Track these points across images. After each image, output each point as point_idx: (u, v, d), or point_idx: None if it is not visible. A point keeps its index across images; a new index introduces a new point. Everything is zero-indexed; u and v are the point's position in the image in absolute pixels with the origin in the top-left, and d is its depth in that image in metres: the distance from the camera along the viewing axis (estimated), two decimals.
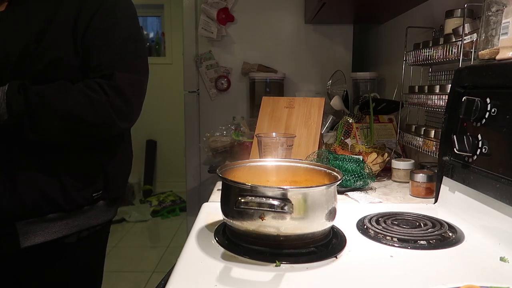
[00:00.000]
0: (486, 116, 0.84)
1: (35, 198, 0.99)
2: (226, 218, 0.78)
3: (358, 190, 1.20)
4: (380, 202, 1.11)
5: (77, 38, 0.99)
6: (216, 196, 1.15)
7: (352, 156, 1.27)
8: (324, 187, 0.75)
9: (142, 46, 1.11)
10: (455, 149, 0.88)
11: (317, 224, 0.73)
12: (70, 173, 1.03)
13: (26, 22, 0.98)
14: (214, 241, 0.79)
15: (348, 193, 1.17)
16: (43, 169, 1.00)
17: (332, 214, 0.76)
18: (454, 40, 1.13)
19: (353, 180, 1.19)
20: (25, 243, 1.00)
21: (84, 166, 1.06)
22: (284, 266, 0.69)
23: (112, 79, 0.99)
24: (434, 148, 1.19)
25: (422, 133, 1.27)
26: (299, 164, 0.93)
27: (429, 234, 0.81)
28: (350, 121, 1.58)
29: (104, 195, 1.11)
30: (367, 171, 1.22)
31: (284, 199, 0.69)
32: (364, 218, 0.92)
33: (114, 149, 1.13)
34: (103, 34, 1.01)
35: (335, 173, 0.84)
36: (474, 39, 1.04)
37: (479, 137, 0.85)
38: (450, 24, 1.21)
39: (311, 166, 0.91)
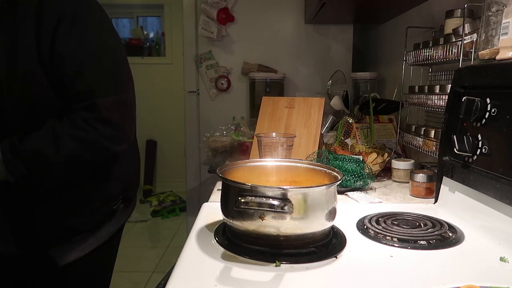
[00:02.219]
0: (486, 116, 0.84)
1: (55, 230, 1.02)
2: (226, 218, 0.78)
3: (358, 190, 1.20)
4: (380, 202, 1.10)
5: (45, 67, 0.91)
6: (216, 196, 1.15)
7: (352, 156, 1.27)
8: (324, 187, 0.75)
9: (118, 55, 1.00)
10: (455, 149, 0.88)
11: (317, 224, 0.73)
12: (87, 198, 1.04)
13: None
14: (214, 241, 0.79)
15: (348, 193, 1.17)
16: (59, 202, 1.01)
17: (332, 214, 0.76)
18: (454, 40, 1.13)
19: (353, 180, 1.19)
20: (61, 262, 1.03)
21: (101, 185, 1.07)
22: (284, 266, 0.69)
23: (95, 109, 0.93)
24: (434, 148, 1.19)
25: (422, 133, 1.27)
26: (299, 164, 0.93)
27: (429, 234, 0.81)
28: (350, 121, 1.58)
29: (122, 200, 1.14)
30: (367, 171, 1.22)
31: (284, 199, 0.69)
32: (364, 218, 0.92)
33: (127, 157, 1.13)
34: (71, 59, 0.92)
35: (335, 173, 0.84)
36: (474, 39, 1.04)
37: (479, 137, 0.85)
38: (450, 24, 1.21)
39: (311, 166, 0.91)
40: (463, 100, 0.89)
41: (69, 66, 0.92)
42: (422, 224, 0.87)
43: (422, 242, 0.78)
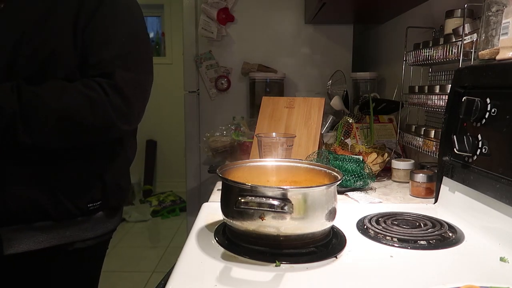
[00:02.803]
0: (486, 116, 0.84)
1: (22, 204, 0.93)
2: (226, 218, 0.78)
3: (358, 190, 1.20)
4: (380, 202, 1.11)
5: (77, 33, 0.94)
6: (216, 196, 1.15)
7: (352, 156, 1.27)
8: (324, 187, 0.75)
9: (146, 46, 1.05)
10: (455, 149, 0.88)
11: (317, 224, 0.73)
12: (62, 180, 0.97)
13: (22, 16, 0.94)
14: (214, 241, 0.79)
15: (348, 193, 1.17)
16: (32, 175, 0.94)
17: (332, 214, 0.76)
18: (454, 40, 1.13)
19: (353, 180, 1.19)
20: (8, 250, 0.94)
21: (79, 174, 0.99)
22: (284, 266, 0.69)
23: (112, 77, 0.93)
24: (434, 148, 1.19)
25: (422, 133, 1.27)
26: (299, 164, 0.93)
27: (429, 234, 0.81)
28: (350, 121, 1.58)
29: (103, 205, 1.05)
30: (367, 171, 1.22)
31: (284, 199, 0.69)
32: (364, 218, 0.92)
33: (113, 156, 1.06)
34: (104, 31, 0.96)
35: (335, 173, 0.84)
36: (474, 39, 1.04)
37: (479, 137, 0.85)
38: (450, 24, 1.21)
39: (311, 166, 0.91)
40: (463, 100, 0.89)
41: (100, 36, 0.95)
42: (422, 224, 0.87)
43: (422, 242, 0.78)
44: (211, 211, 0.95)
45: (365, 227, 0.86)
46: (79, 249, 1.03)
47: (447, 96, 1.03)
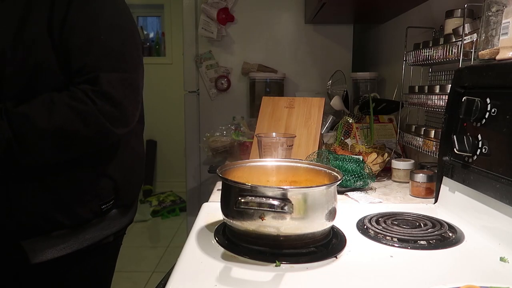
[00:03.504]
0: (486, 116, 0.84)
1: (32, 217, 0.93)
2: (226, 218, 0.78)
3: (358, 190, 1.20)
4: (380, 202, 1.11)
5: (54, 38, 0.89)
6: (216, 196, 1.15)
7: (352, 156, 1.27)
8: (324, 187, 0.75)
9: (130, 36, 0.97)
10: (455, 149, 0.88)
11: (317, 224, 0.73)
12: (71, 187, 0.95)
13: (1, 25, 0.90)
14: (214, 241, 0.79)
15: (348, 193, 1.17)
16: (39, 185, 0.93)
17: (332, 214, 0.76)
18: (454, 40, 1.13)
19: (353, 180, 1.19)
20: (34, 259, 0.95)
21: (87, 178, 0.97)
22: (284, 266, 0.69)
23: (97, 83, 0.89)
24: (434, 148, 1.19)
25: (422, 133, 1.27)
26: (299, 164, 0.93)
27: (429, 234, 0.81)
28: (350, 121, 1.58)
29: (116, 203, 1.04)
30: (367, 171, 1.22)
31: (284, 199, 0.69)
32: (364, 218, 0.92)
33: (120, 154, 1.04)
34: (82, 31, 0.90)
35: (335, 173, 0.84)
36: (474, 39, 1.04)
37: (479, 137, 0.85)
38: (450, 24, 1.21)
39: (311, 166, 0.91)
40: (463, 100, 0.89)
41: (78, 39, 0.90)
42: (422, 224, 0.87)
43: (422, 242, 0.78)
44: (211, 211, 0.95)
45: (365, 227, 0.86)
46: (97, 247, 1.04)
47: (447, 96, 1.03)
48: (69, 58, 0.90)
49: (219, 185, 1.24)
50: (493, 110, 0.82)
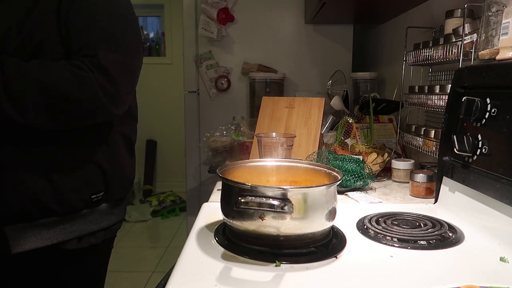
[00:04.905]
0: (486, 116, 0.84)
1: (23, 202, 0.91)
2: (226, 218, 0.78)
3: (358, 190, 1.20)
4: (380, 202, 1.11)
5: (61, 20, 0.91)
6: (216, 196, 1.15)
7: (352, 156, 1.27)
8: (324, 187, 0.75)
9: (132, 27, 1.01)
10: (455, 149, 0.88)
11: (317, 224, 0.73)
12: (62, 172, 0.94)
13: (10, 7, 0.93)
14: (214, 241, 0.79)
15: (348, 193, 1.17)
16: (31, 169, 0.91)
17: (332, 214, 0.76)
18: (454, 40, 1.13)
19: (353, 180, 1.19)
20: (15, 249, 0.92)
21: (78, 164, 0.97)
22: (284, 266, 0.69)
23: (95, 57, 0.90)
24: (434, 148, 1.19)
25: (422, 133, 1.27)
26: (299, 164, 0.93)
27: (429, 234, 0.81)
28: (350, 121, 1.58)
29: (106, 197, 1.04)
30: (367, 171, 1.22)
31: (284, 199, 0.69)
32: (364, 218, 0.92)
33: (112, 144, 1.04)
34: (86, 15, 0.93)
35: (335, 173, 0.84)
36: (474, 39, 1.04)
37: (479, 137, 0.85)
38: (450, 24, 1.21)
39: (311, 166, 0.91)
40: (463, 100, 0.89)
41: (82, 21, 0.93)
42: (422, 224, 0.87)
43: (422, 242, 0.78)
44: (211, 211, 0.95)
45: (365, 227, 0.86)
46: (84, 248, 1.02)
47: (447, 96, 1.03)
48: (70, 40, 0.92)
49: (219, 185, 1.24)
50: (493, 110, 0.82)
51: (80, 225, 1.00)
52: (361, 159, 1.24)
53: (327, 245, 0.76)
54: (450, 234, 0.82)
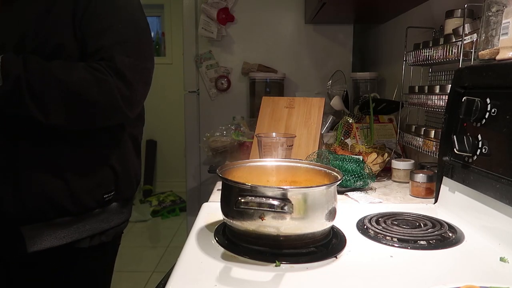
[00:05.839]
0: (486, 116, 0.84)
1: (39, 202, 0.93)
2: (226, 218, 0.78)
3: (358, 190, 1.20)
4: (380, 202, 1.11)
5: (76, 23, 0.93)
6: (216, 196, 1.15)
7: (352, 156, 1.27)
8: (324, 187, 0.75)
9: (145, 33, 1.03)
10: (455, 149, 0.88)
11: (317, 224, 0.73)
12: (76, 173, 0.97)
13: (23, 12, 0.94)
14: (214, 241, 0.79)
15: (348, 193, 1.17)
16: (46, 169, 0.94)
17: (332, 214, 0.76)
18: (454, 40, 1.13)
19: (353, 180, 1.19)
20: (32, 247, 0.94)
21: (91, 164, 1.00)
22: (284, 266, 0.69)
23: (112, 61, 0.93)
24: (434, 148, 1.19)
25: (422, 133, 1.27)
26: (299, 164, 0.93)
27: (429, 234, 0.81)
28: (350, 121, 1.58)
29: (116, 196, 1.06)
30: (367, 171, 1.22)
31: (284, 199, 0.69)
32: (364, 218, 0.92)
33: (122, 147, 1.07)
34: (102, 19, 0.95)
35: (335, 173, 0.84)
36: (474, 39, 1.04)
37: (479, 137, 0.85)
38: (450, 24, 1.21)
39: (311, 166, 0.91)
40: (463, 100, 0.89)
41: (98, 24, 0.95)
42: (422, 224, 0.87)
43: (422, 242, 0.78)
44: (211, 211, 0.95)
45: (365, 227, 0.86)
46: (95, 246, 1.05)
47: (447, 96, 1.03)
48: (85, 42, 0.94)
49: (219, 185, 1.24)
50: (493, 110, 0.82)
51: (92, 224, 1.03)
52: (361, 159, 1.24)
53: (327, 245, 0.76)
54: (450, 234, 0.82)
